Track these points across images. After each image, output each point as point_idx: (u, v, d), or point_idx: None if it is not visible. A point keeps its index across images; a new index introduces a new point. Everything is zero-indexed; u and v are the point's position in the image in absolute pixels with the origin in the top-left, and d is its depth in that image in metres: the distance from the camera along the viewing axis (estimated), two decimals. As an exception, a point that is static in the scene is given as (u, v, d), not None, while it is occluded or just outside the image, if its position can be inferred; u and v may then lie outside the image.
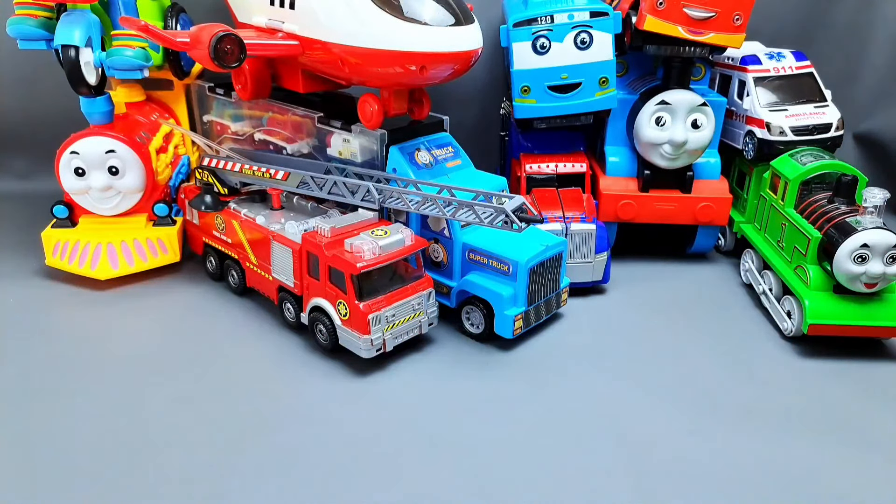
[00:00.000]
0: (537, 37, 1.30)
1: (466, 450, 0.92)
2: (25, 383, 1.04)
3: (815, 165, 1.27)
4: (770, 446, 0.95)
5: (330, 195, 1.20)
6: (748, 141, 1.47)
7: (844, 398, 1.06)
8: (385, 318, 1.06)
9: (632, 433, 0.97)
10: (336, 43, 1.11)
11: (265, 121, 1.45)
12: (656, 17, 1.27)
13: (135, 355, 1.12)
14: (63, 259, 1.33)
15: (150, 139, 1.40)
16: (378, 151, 1.25)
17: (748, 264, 1.42)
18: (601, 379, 1.09)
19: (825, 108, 1.43)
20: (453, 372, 1.10)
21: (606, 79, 1.33)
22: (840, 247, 1.10)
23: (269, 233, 1.19)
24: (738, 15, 1.28)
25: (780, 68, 1.47)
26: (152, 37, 1.10)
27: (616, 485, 0.87)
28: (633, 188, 1.45)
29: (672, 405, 1.03)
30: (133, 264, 1.34)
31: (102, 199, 1.33)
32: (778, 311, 1.24)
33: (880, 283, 1.12)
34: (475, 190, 1.11)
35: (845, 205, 1.19)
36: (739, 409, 1.02)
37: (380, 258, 1.05)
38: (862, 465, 0.92)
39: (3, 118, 1.81)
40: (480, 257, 1.17)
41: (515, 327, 1.13)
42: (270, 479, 0.85)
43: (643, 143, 1.39)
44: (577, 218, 1.32)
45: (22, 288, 1.33)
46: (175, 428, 0.95)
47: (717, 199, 1.43)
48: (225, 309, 1.28)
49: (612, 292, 1.38)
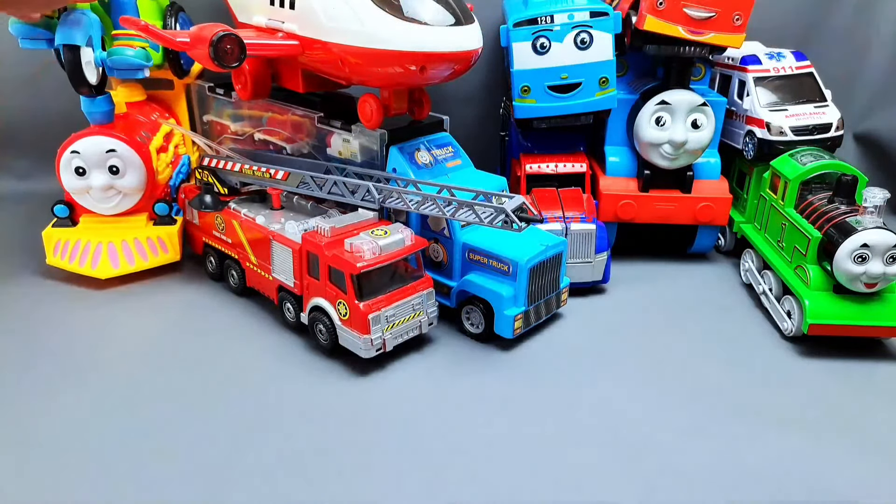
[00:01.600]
0: (537, 37, 1.30)
1: (466, 449, 0.92)
2: (25, 383, 1.04)
3: (815, 165, 1.27)
4: (770, 446, 0.95)
5: (330, 195, 1.20)
6: (748, 141, 1.47)
7: (844, 398, 1.06)
8: (385, 317, 1.06)
9: (632, 433, 0.97)
10: (336, 43, 1.11)
11: (265, 121, 1.45)
12: (656, 17, 1.27)
13: (135, 354, 1.12)
14: (63, 258, 1.33)
15: (151, 139, 1.40)
16: (378, 151, 1.25)
17: (748, 264, 1.42)
18: (601, 379, 1.09)
19: (825, 108, 1.43)
20: (453, 372, 1.10)
21: (606, 79, 1.33)
22: (840, 247, 1.10)
23: (269, 233, 1.19)
24: (738, 15, 1.28)
25: (780, 68, 1.47)
26: (152, 37, 1.10)
27: (616, 484, 0.87)
28: (633, 188, 1.45)
29: (672, 405, 1.03)
30: (133, 263, 1.34)
31: (103, 199, 1.33)
32: (778, 311, 1.24)
33: (880, 283, 1.12)
34: (475, 190, 1.11)
35: (845, 205, 1.19)
36: (739, 408, 1.02)
37: (380, 258, 1.05)
38: (862, 464, 0.92)
39: (4, 118, 1.81)
40: (480, 257, 1.17)
41: (515, 327, 1.13)
42: (271, 478, 0.85)
43: (643, 143, 1.39)
44: (577, 218, 1.32)
45: (22, 288, 1.33)
46: (175, 427, 0.95)
47: (717, 199, 1.43)
48: (225, 309, 1.28)
49: (612, 292, 1.38)
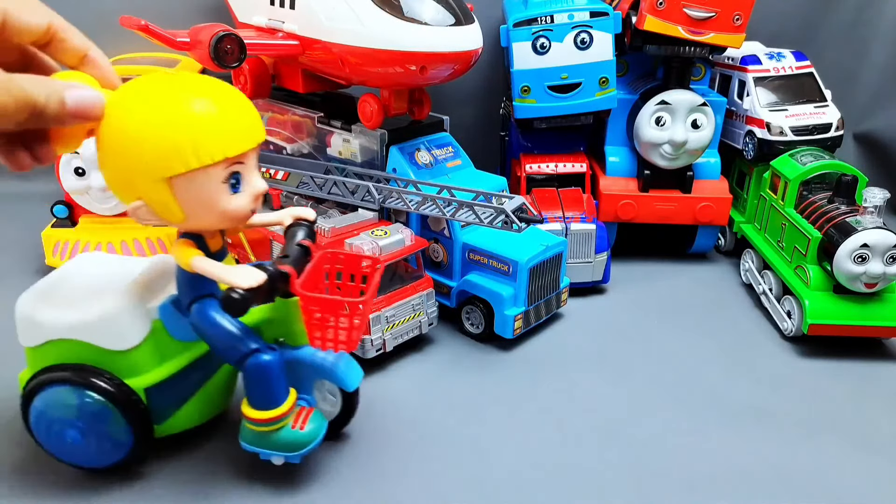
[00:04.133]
0: (537, 37, 1.30)
1: (466, 449, 0.92)
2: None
3: (815, 165, 1.27)
4: (770, 445, 0.95)
5: (330, 195, 1.20)
6: (748, 141, 1.47)
7: (844, 398, 1.06)
8: (385, 318, 1.06)
9: (632, 432, 0.96)
10: (336, 43, 1.11)
11: (265, 121, 1.45)
12: (656, 17, 1.27)
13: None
14: (63, 259, 1.33)
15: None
16: (378, 151, 1.24)
17: (748, 264, 1.42)
18: (601, 379, 1.09)
19: (825, 108, 1.43)
20: (453, 372, 1.10)
21: (606, 79, 1.33)
22: (840, 247, 1.10)
23: (268, 233, 1.19)
24: (738, 15, 1.28)
25: (780, 68, 1.47)
26: (152, 36, 1.10)
27: (616, 484, 0.87)
28: (633, 188, 1.45)
29: (672, 405, 1.03)
30: (133, 264, 1.34)
31: (102, 199, 1.33)
32: (778, 311, 1.24)
33: (880, 283, 1.12)
34: (475, 190, 1.11)
35: (845, 205, 1.19)
36: (739, 408, 1.02)
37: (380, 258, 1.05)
38: (862, 464, 0.92)
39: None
40: (480, 257, 1.17)
41: (515, 327, 1.13)
42: (272, 478, 0.85)
43: (643, 143, 1.39)
44: (577, 218, 1.32)
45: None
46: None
47: (717, 199, 1.43)
48: (225, 309, 1.28)
49: (612, 292, 1.37)
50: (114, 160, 0.68)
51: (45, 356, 0.80)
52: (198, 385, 0.86)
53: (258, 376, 0.78)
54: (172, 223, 0.71)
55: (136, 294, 0.80)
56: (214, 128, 0.66)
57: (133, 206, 0.69)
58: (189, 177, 0.66)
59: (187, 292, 0.78)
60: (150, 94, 0.66)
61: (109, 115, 0.65)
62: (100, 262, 0.89)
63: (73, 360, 0.79)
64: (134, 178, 0.67)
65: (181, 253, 0.73)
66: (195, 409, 0.86)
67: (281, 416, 0.79)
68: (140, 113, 0.65)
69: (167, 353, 0.82)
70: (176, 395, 0.84)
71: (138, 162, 0.66)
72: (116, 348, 0.78)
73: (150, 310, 0.81)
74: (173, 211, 0.69)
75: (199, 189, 0.68)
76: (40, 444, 0.82)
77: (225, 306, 0.68)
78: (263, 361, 0.77)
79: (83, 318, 0.78)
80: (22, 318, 0.80)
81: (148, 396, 0.80)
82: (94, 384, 0.78)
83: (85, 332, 0.78)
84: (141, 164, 0.66)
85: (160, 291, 0.83)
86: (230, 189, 0.70)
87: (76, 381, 0.78)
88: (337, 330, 0.80)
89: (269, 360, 0.78)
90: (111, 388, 0.78)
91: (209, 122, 0.66)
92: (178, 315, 0.81)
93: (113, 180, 0.70)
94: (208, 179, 0.68)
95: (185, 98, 0.66)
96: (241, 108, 0.71)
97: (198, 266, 0.72)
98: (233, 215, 0.72)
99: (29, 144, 0.65)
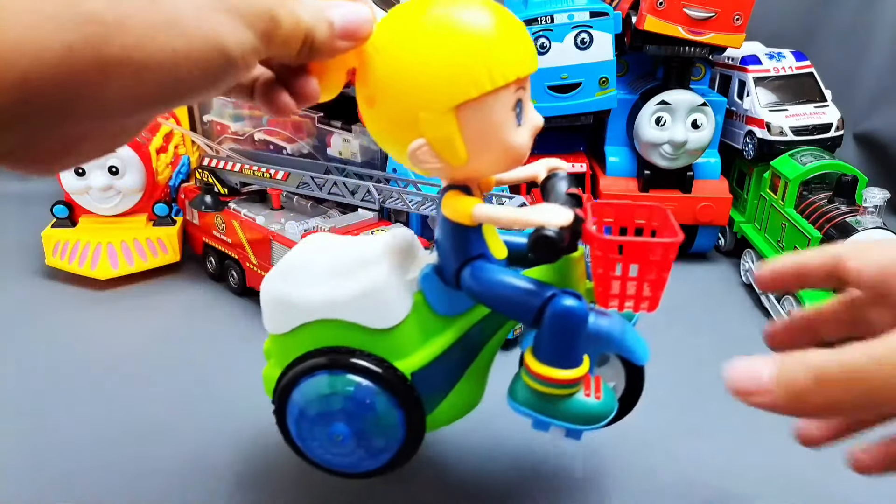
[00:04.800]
0: (537, 37, 1.30)
1: (466, 449, 0.92)
2: (25, 383, 1.04)
3: (815, 165, 1.27)
4: (770, 446, 0.94)
5: (330, 195, 1.20)
6: (748, 141, 1.47)
7: (844, 398, 1.06)
8: (385, 317, 1.05)
9: (631, 433, 0.96)
10: (336, 43, 1.11)
11: (265, 121, 1.45)
12: (656, 17, 1.27)
13: (134, 355, 1.12)
14: (63, 259, 1.33)
15: (151, 139, 1.40)
16: (378, 151, 1.25)
17: (748, 264, 1.42)
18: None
19: (825, 108, 1.43)
20: (453, 372, 1.10)
21: (606, 79, 1.33)
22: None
23: (268, 233, 1.19)
24: (738, 15, 1.28)
25: (780, 68, 1.47)
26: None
27: (616, 484, 0.87)
28: (633, 188, 1.45)
29: (671, 404, 1.03)
30: (133, 264, 1.34)
31: (102, 199, 1.33)
32: (778, 311, 1.24)
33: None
34: (475, 190, 1.11)
35: (845, 205, 1.19)
36: (739, 408, 1.02)
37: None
38: (862, 465, 0.91)
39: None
40: (481, 257, 1.17)
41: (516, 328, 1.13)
42: (272, 478, 0.85)
43: (643, 143, 1.39)
44: (578, 218, 1.32)
45: (22, 288, 1.33)
46: (175, 427, 0.95)
47: (717, 199, 1.43)
48: (225, 309, 1.28)
49: (612, 292, 1.37)
50: (395, 95, 0.59)
51: (297, 343, 0.70)
52: (461, 370, 0.75)
53: (562, 325, 0.64)
54: (452, 164, 0.62)
55: (396, 264, 0.70)
56: (504, 46, 0.59)
57: (413, 147, 0.60)
58: (478, 104, 0.59)
59: (456, 256, 0.67)
60: (426, 15, 0.59)
61: (382, 46, 0.58)
62: (329, 241, 0.78)
63: (331, 344, 0.69)
64: (418, 111, 0.59)
65: (459, 204, 0.63)
66: (460, 399, 0.75)
67: (579, 379, 0.67)
68: (423, 36, 0.58)
69: (431, 331, 0.71)
70: (442, 381, 0.73)
71: (425, 90, 0.58)
72: (381, 326, 0.68)
73: (410, 281, 0.71)
74: (457, 148, 0.61)
75: (488, 118, 0.60)
76: (302, 453, 0.73)
77: (537, 248, 0.59)
78: (569, 306, 0.64)
79: (345, 294, 0.67)
80: (270, 302, 0.71)
81: (415, 383, 0.69)
82: (364, 368, 0.67)
83: (346, 309, 0.68)
84: (428, 93, 0.58)
85: (411, 264, 0.73)
86: (516, 119, 0.63)
87: (342, 366, 0.67)
88: (638, 285, 0.66)
89: (576, 304, 0.64)
90: (382, 370, 0.67)
91: (498, 39, 0.59)
92: (442, 285, 0.70)
93: (391, 120, 0.61)
94: (498, 105, 0.60)
95: (467, 16, 0.58)
96: (520, 25, 0.62)
97: (483, 214, 0.62)
98: (516, 151, 0.65)
99: (290, 83, 0.55)
